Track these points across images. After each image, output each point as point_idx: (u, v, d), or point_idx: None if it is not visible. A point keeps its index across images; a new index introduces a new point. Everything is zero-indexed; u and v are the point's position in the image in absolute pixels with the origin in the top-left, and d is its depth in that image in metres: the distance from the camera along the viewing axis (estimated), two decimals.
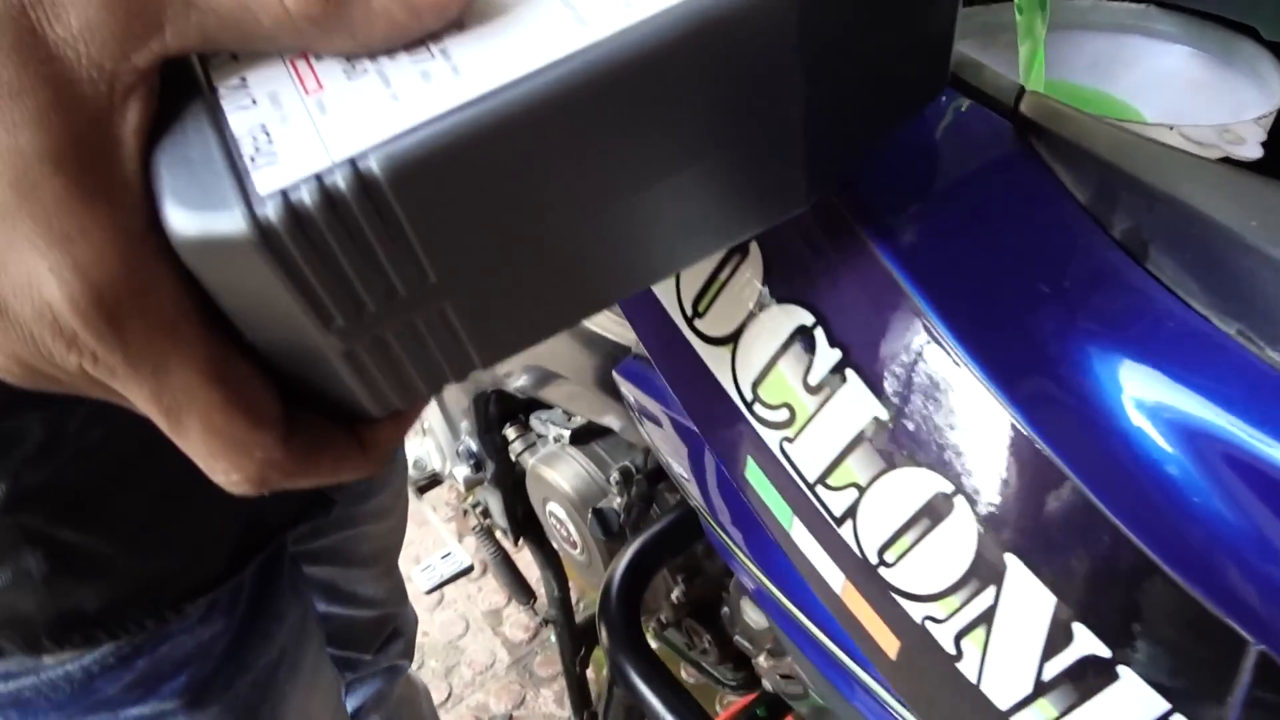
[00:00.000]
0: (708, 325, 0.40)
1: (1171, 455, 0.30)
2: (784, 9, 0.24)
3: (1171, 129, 0.38)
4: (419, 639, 1.70)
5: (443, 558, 1.39)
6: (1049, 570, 0.31)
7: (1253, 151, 0.38)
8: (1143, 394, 0.31)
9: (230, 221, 0.22)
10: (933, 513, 0.33)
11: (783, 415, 0.37)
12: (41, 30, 0.22)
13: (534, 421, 1.13)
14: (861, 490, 0.35)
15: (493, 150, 0.23)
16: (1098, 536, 0.30)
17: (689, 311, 0.41)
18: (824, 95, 0.27)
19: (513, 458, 1.16)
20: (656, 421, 0.60)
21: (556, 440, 1.07)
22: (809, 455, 0.37)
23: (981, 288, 0.34)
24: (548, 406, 1.08)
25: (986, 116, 0.37)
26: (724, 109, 0.26)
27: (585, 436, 1.05)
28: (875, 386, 0.34)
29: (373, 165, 0.22)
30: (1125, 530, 0.30)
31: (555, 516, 1.09)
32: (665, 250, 0.29)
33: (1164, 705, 0.30)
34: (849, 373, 0.35)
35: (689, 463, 0.58)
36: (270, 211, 0.22)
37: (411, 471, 1.35)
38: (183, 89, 0.24)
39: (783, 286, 0.37)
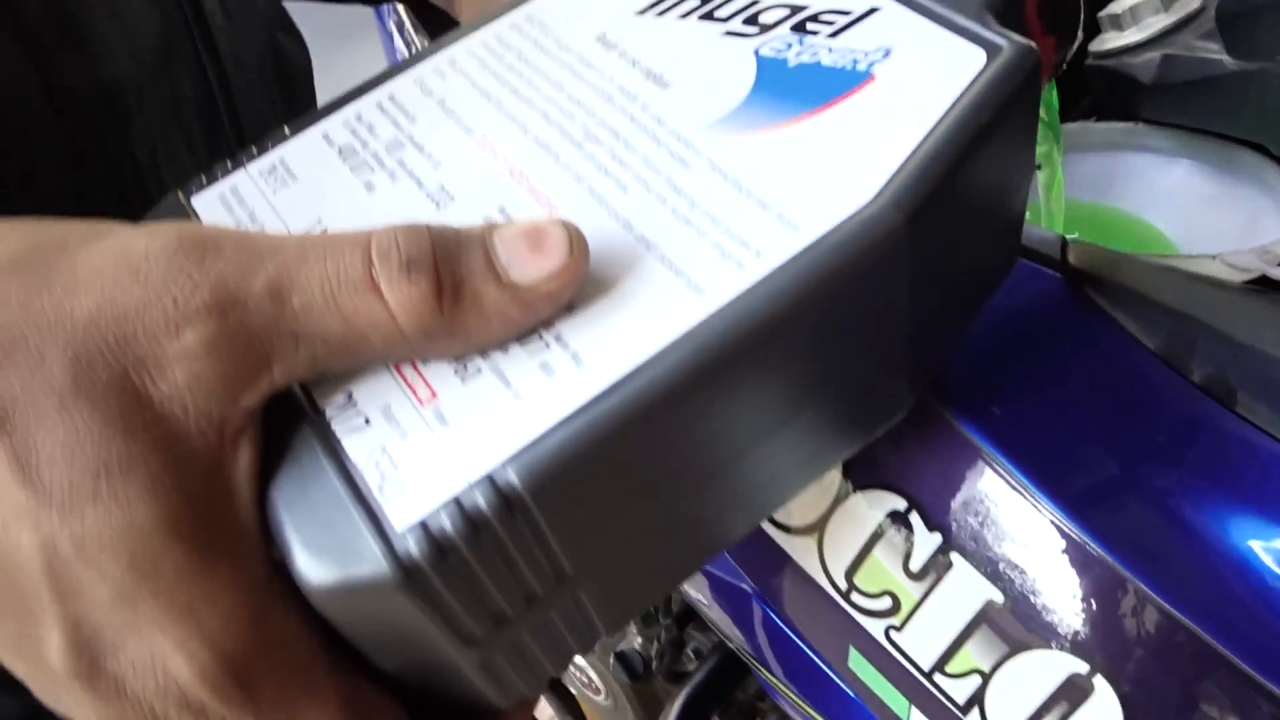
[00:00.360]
0: (786, 515, 0.38)
1: None
2: (897, 245, 0.24)
3: (1214, 258, 0.38)
4: None
5: None
6: None
7: None
8: (1270, 545, 0.30)
9: (371, 565, 0.20)
10: (1071, 695, 0.32)
11: (885, 604, 0.36)
12: (147, 392, 0.20)
13: None
14: (986, 676, 0.34)
15: (628, 440, 0.22)
16: (1255, 706, 0.29)
17: None
18: (925, 308, 0.27)
19: None
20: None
21: None
22: (921, 643, 0.35)
23: (1076, 452, 0.33)
24: None
25: (1034, 271, 0.37)
26: (837, 351, 0.25)
27: None
28: (984, 567, 0.33)
29: (513, 479, 0.21)
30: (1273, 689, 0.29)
31: (574, 662, 1.05)
32: (781, 487, 0.28)
33: None
34: (954, 556, 0.34)
35: (729, 613, 0.56)
36: (412, 547, 0.20)
37: None
38: (285, 414, 0.23)
39: (864, 474, 0.36)
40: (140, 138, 0.39)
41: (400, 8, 0.74)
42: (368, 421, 0.22)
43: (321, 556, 0.20)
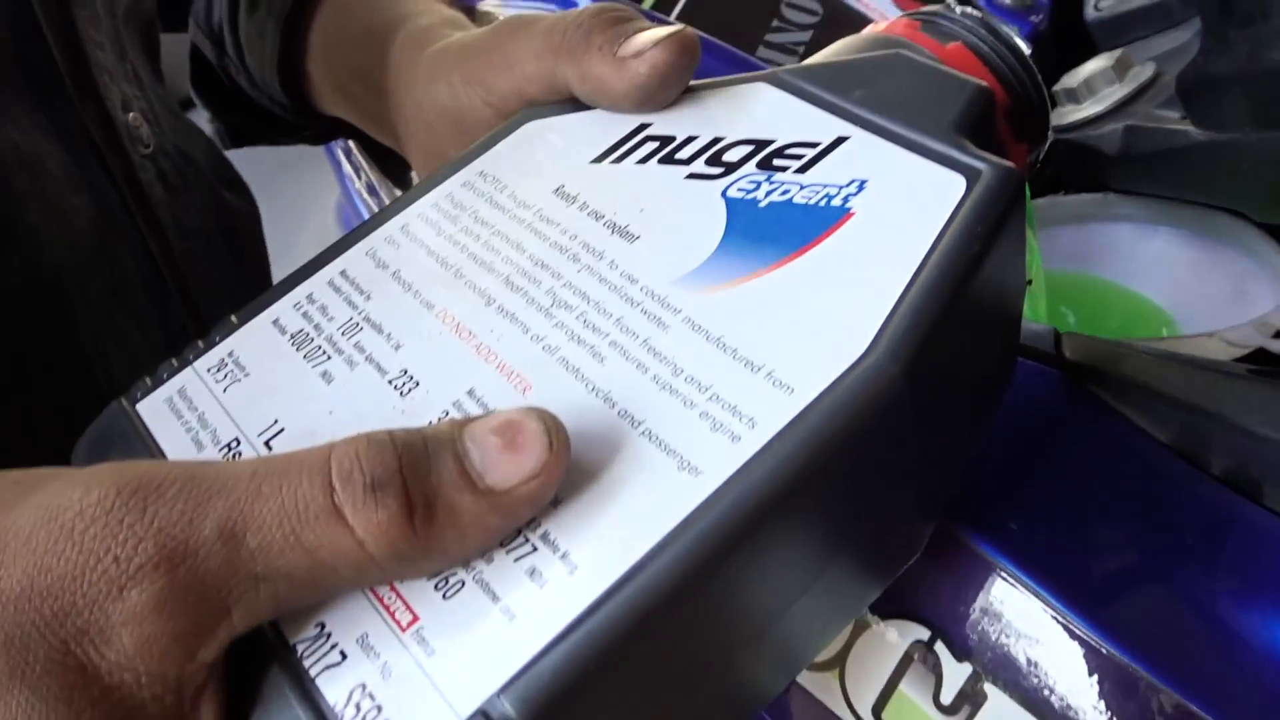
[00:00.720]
0: None
1: None
2: (898, 397, 0.22)
3: (1212, 336, 0.37)
4: None
5: None
6: None
7: None
8: None
9: None
10: None
11: None
12: (93, 664, 0.18)
13: None
14: None
15: (634, 648, 0.20)
16: None
17: None
18: (934, 445, 0.25)
19: None
20: None
21: None
22: None
23: (1102, 562, 0.31)
24: None
25: (1033, 370, 0.36)
26: (848, 511, 0.23)
27: None
28: (1021, 696, 0.31)
29: (509, 710, 0.19)
30: None
31: None
32: (804, 653, 0.26)
33: None
34: (987, 686, 0.32)
35: None
36: None
37: None
38: (251, 653, 0.21)
39: (885, 603, 0.34)
40: (85, 327, 0.37)
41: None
42: (343, 655, 0.20)
43: None
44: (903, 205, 0.25)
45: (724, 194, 0.27)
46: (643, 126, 0.29)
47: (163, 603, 0.18)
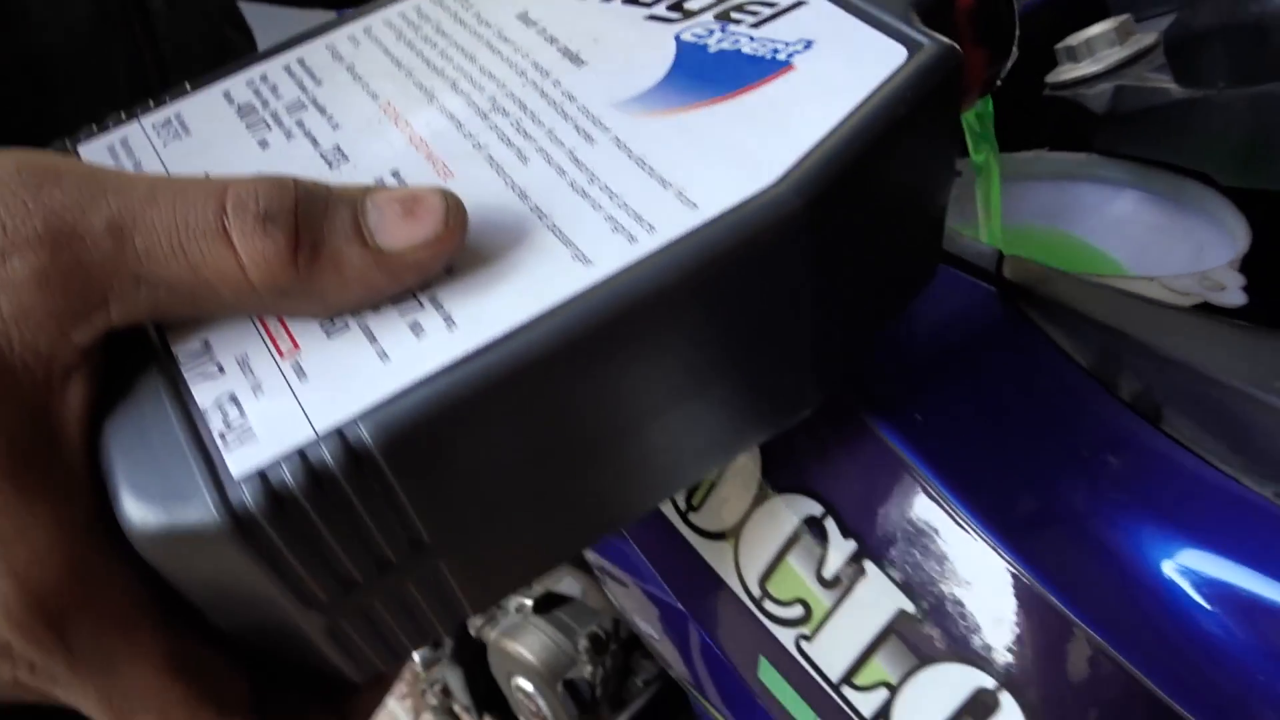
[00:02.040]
0: (704, 519, 0.38)
1: (1227, 631, 0.28)
2: (796, 231, 0.23)
3: (1153, 280, 0.37)
4: None
5: None
6: None
7: (1235, 298, 0.38)
8: (1188, 565, 0.29)
9: (199, 512, 0.19)
10: (976, 710, 0.31)
11: (797, 612, 0.35)
12: None
13: None
14: (893, 689, 0.33)
15: (493, 405, 0.21)
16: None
17: (683, 505, 0.39)
18: (833, 302, 0.26)
19: (472, 632, 1.11)
20: (630, 593, 0.57)
21: (518, 610, 1.02)
22: (830, 653, 0.34)
23: (997, 464, 0.32)
24: None
25: (970, 284, 0.37)
26: (735, 334, 0.24)
27: (548, 604, 1.01)
28: (897, 577, 0.32)
29: (363, 435, 0.20)
30: (1187, 712, 0.28)
31: (522, 691, 1.03)
32: (672, 474, 0.27)
33: None
34: (867, 564, 0.33)
35: (670, 638, 0.55)
36: (247, 496, 0.19)
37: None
38: (135, 356, 0.22)
39: (784, 477, 0.35)
40: (67, 115, 0.38)
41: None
42: (221, 369, 0.21)
43: (149, 500, 0.20)
44: (841, 66, 0.26)
45: (677, 36, 0.28)
46: None
47: (44, 278, 0.19)
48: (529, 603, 1.01)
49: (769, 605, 0.36)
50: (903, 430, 0.33)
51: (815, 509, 0.34)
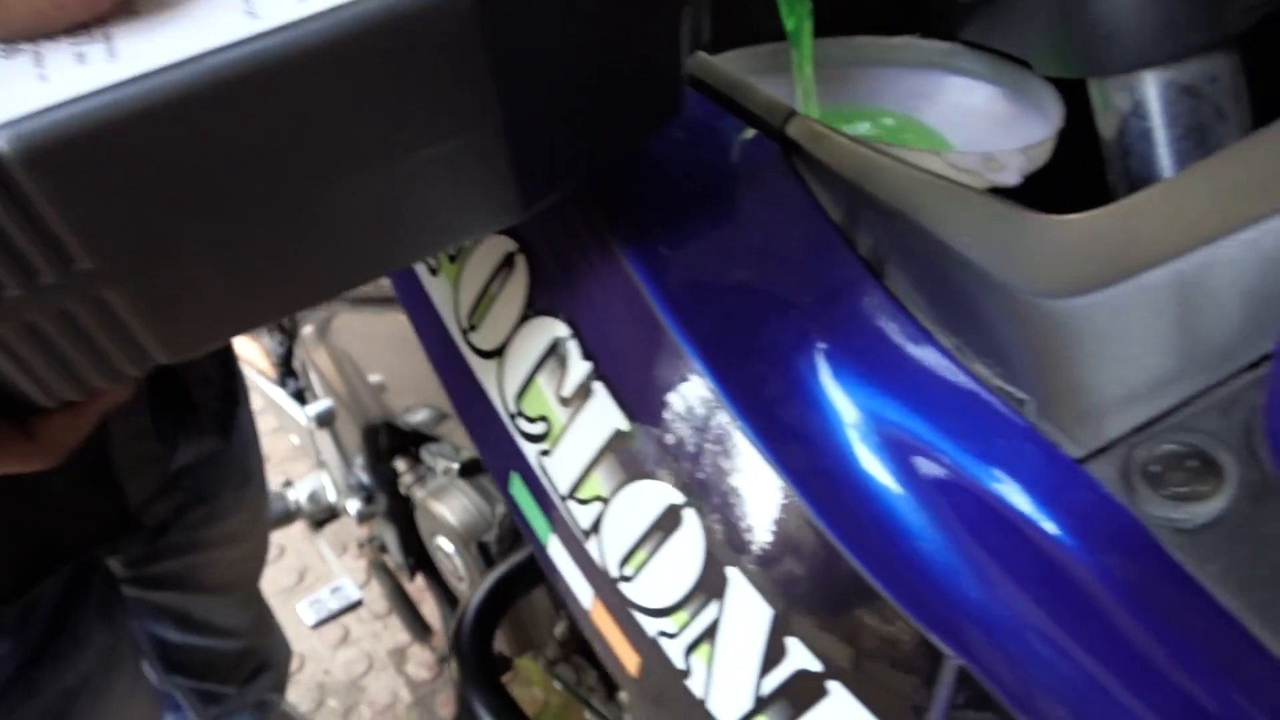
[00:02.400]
0: (480, 339, 0.39)
1: (885, 471, 0.30)
2: (464, 14, 0.24)
3: (939, 155, 0.38)
4: (319, 678, 1.66)
5: (332, 591, 1.37)
6: (767, 583, 0.31)
7: (1011, 179, 0.38)
8: (863, 408, 0.31)
9: None
10: (665, 525, 0.33)
11: (540, 428, 0.37)
12: None
13: (424, 454, 1.11)
14: (605, 503, 0.35)
15: (145, 134, 0.23)
16: (812, 549, 0.30)
17: (464, 324, 0.40)
18: (526, 106, 0.27)
19: (403, 491, 1.14)
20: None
21: (445, 473, 1.06)
22: (562, 469, 0.36)
23: (725, 302, 0.34)
24: (438, 439, 1.07)
25: (757, 138, 0.37)
26: (406, 106, 0.26)
27: (474, 469, 1.04)
28: (620, 398, 0.34)
29: (2, 144, 0.22)
30: (837, 543, 0.30)
31: (442, 550, 1.07)
32: (376, 247, 0.29)
33: None
34: (596, 385, 0.35)
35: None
36: None
37: (307, 505, 1.33)
38: None
39: (543, 298, 0.37)
40: None
41: None
42: None
43: None
44: None
45: None
46: None
47: None
48: (455, 466, 1.05)
49: (520, 422, 0.38)
50: (646, 261, 0.34)
51: (563, 330, 0.36)
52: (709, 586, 0.32)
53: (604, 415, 0.34)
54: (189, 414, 0.64)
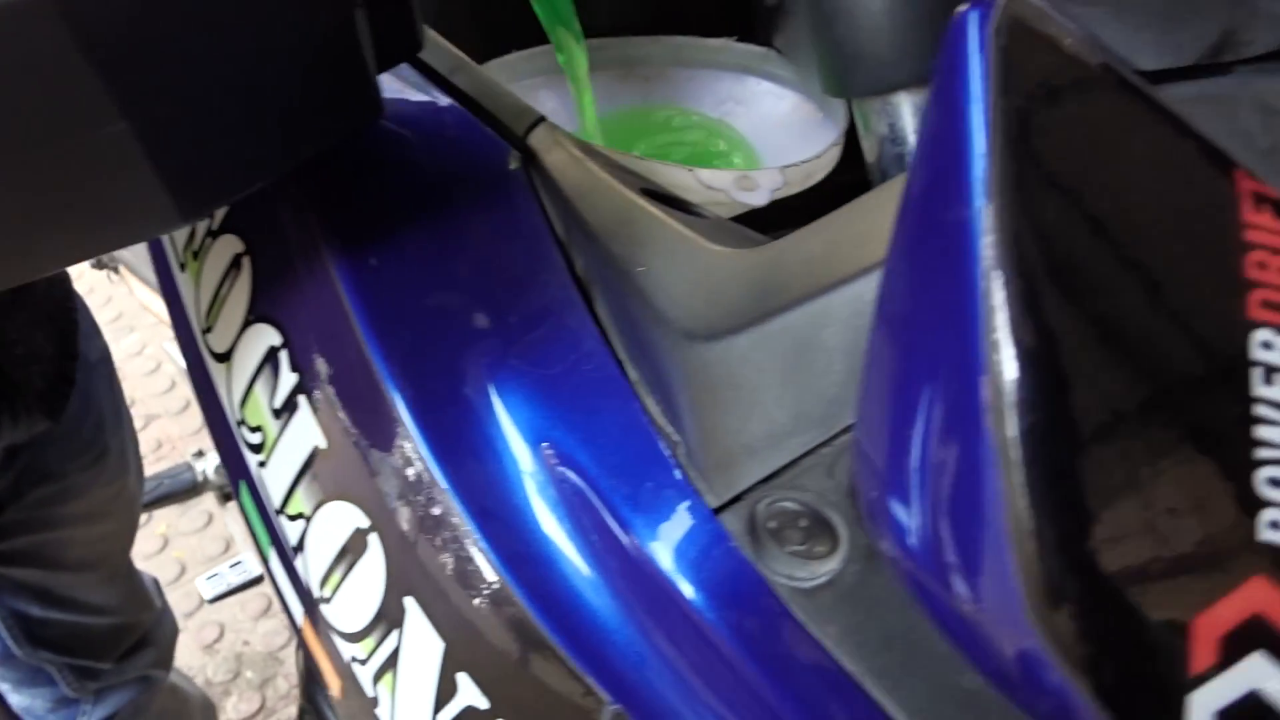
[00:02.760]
0: (214, 340, 0.38)
1: (550, 510, 0.29)
2: (43, 15, 0.23)
3: (690, 171, 0.37)
4: (238, 649, 1.65)
5: (231, 566, 1.36)
6: (440, 616, 0.30)
7: (759, 199, 0.37)
8: (538, 440, 0.30)
9: None
10: (354, 548, 0.32)
11: (259, 438, 0.36)
12: None
13: None
14: (308, 521, 0.34)
15: None
16: (483, 585, 0.29)
17: (202, 325, 0.39)
18: (158, 110, 0.26)
19: None
20: None
21: None
22: (275, 482, 0.35)
23: (428, 320, 0.32)
24: None
25: (497, 145, 0.36)
26: (10, 106, 0.24)
27: None
28: (320, 414, 0.33)
29: None
30: (507, 580, 0.29)
31: None
32: (21, 253, 0.27)
33: None
34: (301, 399, 0.33)
35: None
36: None
37: (215, 477, 1.32)
38: None
39: (264, 304, 0.35)
40: None
41: None
42: None
43: None
44: None
45: None
46: None
47: None
48: None
49: (244, 430, 0.36)
50: (354, 273, 0.33)
51: (276, 339, 0.34)
52: (390, 615, 0.31)
53: (306, 431, 0.33)
54: (7, 395, 0.62)
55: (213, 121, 0.27)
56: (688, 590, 0.26)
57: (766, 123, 0.47)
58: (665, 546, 0.26)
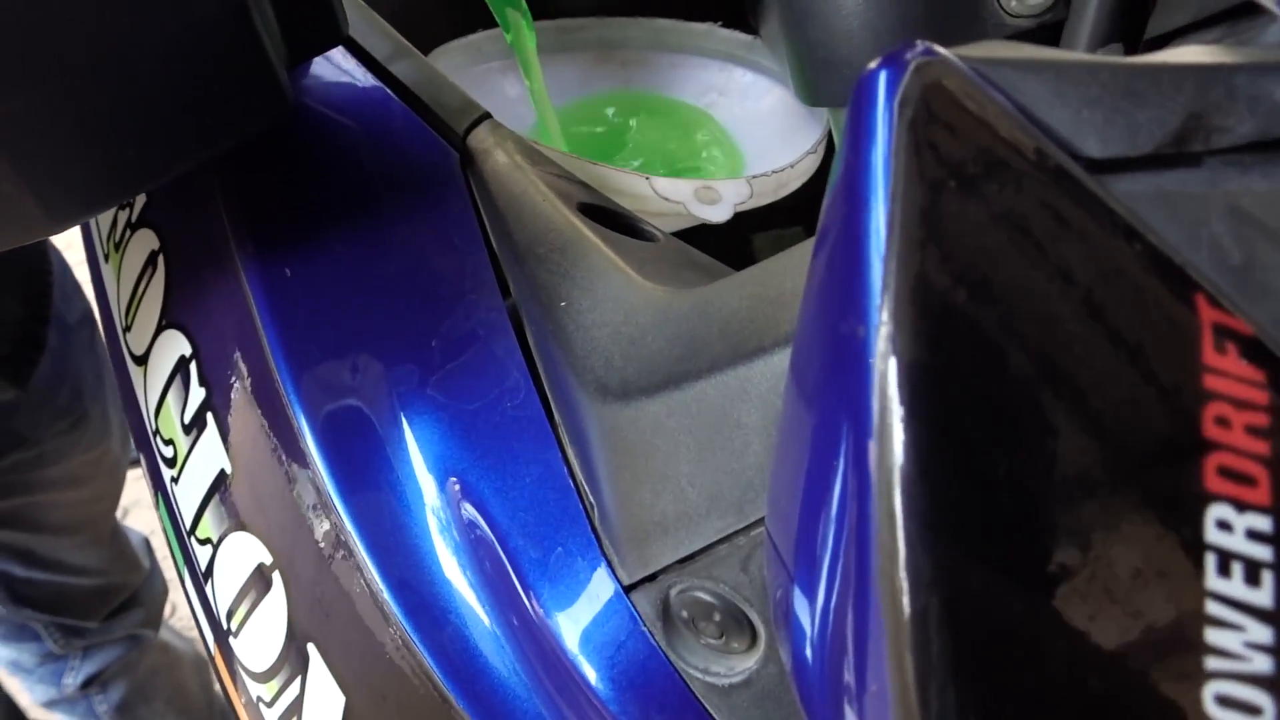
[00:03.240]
0: (133, 340, 0.35)
1: (455, 561, 0.26)
2: None
3: (647, 179, 0.34)
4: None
5: None
6: (341, 667, 0.28)
7: (721, 214, 0.34)
8: (448, 486, 0.27)
9: None
10: (258, 584, 0.29)
11: (170, 452, 0.33)
12: None
13: None
14: (215, 548, 0.31)
15: None
16: (382, 633, 0.27)
17: (122, 322, 0.36)
18: (13, 103, 0.23)
19: None
20: None
21: None
22: (185, 501, 0.33)
23: (341, 338, 0.29)
24: None
25: (435, 144, 0.33)
26: None
27: None
28: (225, 434, 0.30)
29: None
30: (406, 628, 0.26)
31: None
32: None
33: None
34: (209, 416, 0.31)
35: None
36: None
37: None
38: None
39: (177, 309, 0.33)
40: None
41: None
42: None
43: None
44: None
45: None
46: None
47: None
48: None
49: (159, 441, 0.34)
50: (266, 280, 0.30)
51: (187, 348, 0.32)
52: (294, 659, 0.29)
53: (213, 451, 0.31)
54: None
55: (82, 121, 0.25)
56: (593, 676, 0.23)
57: (750, 116, 0.44)
58: (573, 622, 0.24)
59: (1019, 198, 0.13)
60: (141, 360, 0.35)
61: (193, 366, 0.31)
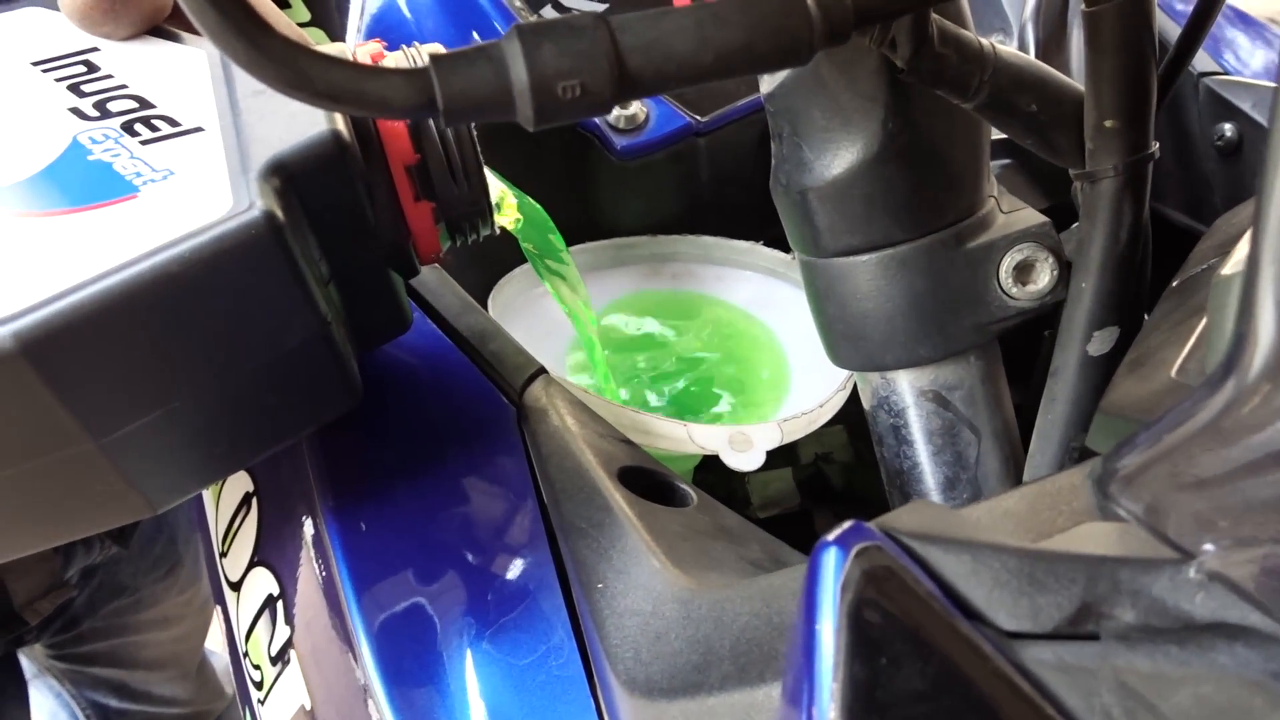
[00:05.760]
0: (229, 567, 0.39)
1: None
2: (13, 362, 0.24)
3: (685, 426, 0.37)
4: None
5: None
6: None
7: (754, 461, 0.36)
8: None
9: None
10: None
11: (259, 676, 0.37)
12: None
13: None
14: None
15: None
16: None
17: (219, 547, 0.40)
18: (118, 425, 0.27)
19: None
20: None
21: None
22: None
23: (408, 592, 0.33)
24: None
25: (494, 399, 0.37)
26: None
27: None
28: (308, 673, 0.34)
29: None
30: None
31: None
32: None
33: None
34: (292, 653, 0.34)
35: None
36: None
37: None
38: None
39: (266, 549, 0.37)
40: None
41: None
42: None
43: None
44: (175, 205, 0.26)
45: (75, 136, 0.29)
46: (93, 50, 0.31)
47: None
48: None
49: (247, 664, 0.38)
50: (345, 535, 0.34)
51: (275, 588, 0.35)
52: None
53: (295, 687, 0.34)
54: None
55: (178, 432, 0.29)
56: None
57: (796, 328, 0.47)
58: None
59: (940, 673, 0.15)
60: (236, 587, 0.39)
61: (279, 606, 0.35)
